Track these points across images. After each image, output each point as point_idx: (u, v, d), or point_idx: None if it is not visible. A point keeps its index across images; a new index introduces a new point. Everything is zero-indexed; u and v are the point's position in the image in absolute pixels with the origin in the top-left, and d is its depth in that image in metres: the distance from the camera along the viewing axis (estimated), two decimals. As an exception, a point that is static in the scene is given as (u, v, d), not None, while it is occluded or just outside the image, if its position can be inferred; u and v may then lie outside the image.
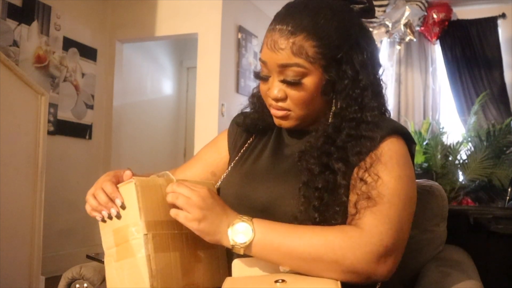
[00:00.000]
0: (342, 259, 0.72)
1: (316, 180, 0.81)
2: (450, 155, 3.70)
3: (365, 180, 0.79)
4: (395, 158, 0.82)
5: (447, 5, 4.15)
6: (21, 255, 2.27)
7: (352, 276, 0.74)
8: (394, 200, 0.77)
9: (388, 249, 0.73)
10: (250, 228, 0.76)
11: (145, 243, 0.76)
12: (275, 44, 0.83)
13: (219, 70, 3.65)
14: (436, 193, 1.21)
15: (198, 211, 0.76)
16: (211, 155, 1.06)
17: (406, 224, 0.78)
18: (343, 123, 0.85)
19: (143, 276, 0.75)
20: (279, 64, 0.83)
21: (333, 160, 0.82)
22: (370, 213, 0.76)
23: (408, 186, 0.81)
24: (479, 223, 1.39)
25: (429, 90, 4.38)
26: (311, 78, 0.84)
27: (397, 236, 0.75)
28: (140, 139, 4.45)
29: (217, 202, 0.79)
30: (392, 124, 0.86)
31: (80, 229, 3.64)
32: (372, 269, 0.73)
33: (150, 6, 3.90)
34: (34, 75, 3.21)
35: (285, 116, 0.89)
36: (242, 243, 0.76)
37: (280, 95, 0.86)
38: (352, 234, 0.74)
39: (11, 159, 2.22)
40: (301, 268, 0.76)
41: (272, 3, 4.28)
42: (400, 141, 0.85)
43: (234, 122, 1.08)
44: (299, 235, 0.76)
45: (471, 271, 1.03)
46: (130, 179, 0.81)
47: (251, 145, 1.02)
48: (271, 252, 0.76)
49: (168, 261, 0.79)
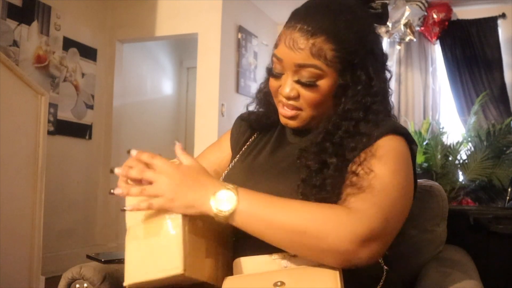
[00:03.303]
0: (325, 235, 0.70)
1: (315, 178, 0.81)
2: (450, 155, 3.70)
3: (357, 173, 0.78)
4: (392, 154, 0.81)
5: (447, 5, 4.15)
6: (21, 255, 2.27)
7: (331, 256, 0.72)
8: (386, 190, 0.76)
9: (373, 233, 0.71)
10: (234, 196, 0.75)
11: (182, 222, 0.77)
12: (294, 43, 0.82)
13: (219, 70, 3.65)
14: (436, 193, 1.21)
15: (167, 193, 0.75)
16: (214, 154, 1.07)
17: (397, 216, 0.76)
18: (343, 122, 0.85)
19: (175, 254, 0.75)
20: (296, 63, 0.83)
21: (328, 155, 0.82)
22: (360, 199, 0.74)
23: (404, 181, 0.79)
24: (479, 223, 1.39)
25: (429, 90, 4.37)
26: (326, 81, 0.84)
27: (385, 223, 0.73)
28: (140, 139, 4.45)
29: (189, 174, 0.77)
30: (392, 124, 0.86)
31: (80, 229, 3.63)
32: (353, 250, 0.70)
33: (150, 6, 3.90)
34: (34, 75, 3.21)
35: (294, 116, 0.89)
36: (225, 211, 0.74)
37: (293, 94, 0.86)
38: (339, 212, 0.73)
39: (11, 159, 2.22)
40: (282, 242, 0.74)
41: (272, 3, 4.30)
42: (399, 140, 0.84)
43: (239, 118, 1.08)
44: (285, 207, 0.75)
45: (471, 271, 1.03)
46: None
47: (254, 141, 1.02)
48: (255, 222, 0.74)
49: (197, 245, 0.79)
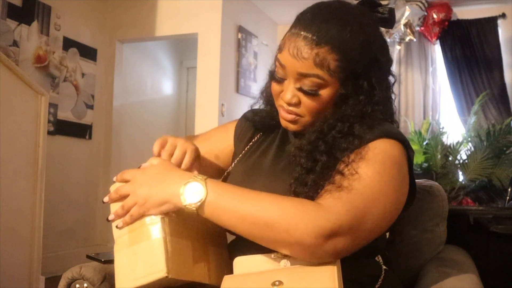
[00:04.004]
0: (294, 229, 0.70)
1: (306, 176, 0.82)
2: (450, 155, 3.70)
3: (343, 173, 0.78)
4: (379, 156, 0.80)
5: (447, 5, 4.15)
6: (21, 255, 2.27)
7: (298, 249, 0.72)
8: (363, 190, 0.75)
9: (341, 229, 0.71)
10: (203, 187, 0.75)
11: (162, 225, 0.77)
12: (298, 52, 0.81)
13: (219, 70, 3.65)
14: (436, 193, 1.21)
15: (139, 197, 0.79)
16: (219, 139, 1.08)
17: (373, 216, 0.75)
18: (338, 123, 0.84)
19: (158, 258, 0.75)
20: (299, 72, 0.83)
21: (319, 153, 0.82)
22: (334, 196, 0.74)
23: (386, 185, 0.78)
24: (479, 223, 1.39)
25: (429, 90, 4.37)
26: (328, 90, 0.84)
27: (355, 222, 0.72)
28: (140, 139, 4.45)
29: (156, 173, 0.81)
30: (387, 129, 0.85)
31: (80, 229, 3.63)
32: (319, 244, 0.70)
33: (150, 6, 3.90)
34: (34, 75, 3.21)
35: (294, 120, 0.89)
36: (194, 203, 0.75)
37: (294, 101, 0.86)
38: (310, 207, 0.73)
39: (11, 159, 2.22)
40: (252, 234, 0.74)
41: (272, 3, 4.30)
42: (392, 143, 0.83)
43: (243, 116, 1.08)
44: (255, 200, 0.75)
45: (471, 271, 1.03)
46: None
47: (257, 142, 1.03)
48: (224, 214, 0.75)
49: (182, 247, 0.80)
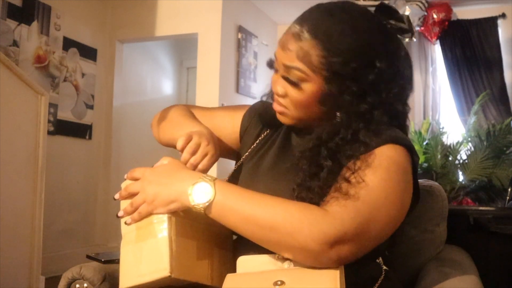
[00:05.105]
0: (298, 233, 0.70)
1: (310, 182, 0.82)
2: (450, 155, 3.70)
3: (349, 180, 0.78)
4: (386, 162, 0.79)
5: (447, 5, 4.15)
6: (21, 255, 2.27)
7: (301, 255, 0.72)
8: (368, 197, 0.75)
9: (346, 236, 0.71)
10: (211, 188, 0.76)
11: (168, 224, 0.79)
12: (285, 44, 0.84)
13: (219, 70, 3.65)
14: (436, 193, 1.21)
15: (148, 195, 0.80)
16: (225, 122, 1.07)
17: (377, 224, 0.75)
18: (341, 129, 0.84)
19: (162, 257, 0.77)
20: (283, 63, 0.85)
21: (323, 159, 0.83)
22: (340, 204, 0.74)
23: (392, 191, 0.77)
24: (479, 223, 1.39)
25: (429, 90, 4.37)
26: (310, 85, 0.84)
27: (360, 229, 0.72)
28: (140, 139, 4.45)
29: (166, 171, 0.82)
30: (394, 135, 0.84)
31: (80, 229, 3.63)
32: (323, 250, 0.70)
33: (150, 6, 3.90)
34: (34, 75, 3.21)
35: (282, 112, 0.91)
36: (202, 203, 0.75)
37: (281, 92, 0.88)
38: (315, 212, 0.73)
39: (11, 159, 2.22)
40: (255, 236, 0.75)
41: (272, 3, 4.30)
42: (398, 149, 0.82)
43: (252, 108, 1.07)
44: (262, 202, 0.75)
45: (471, 271, 1.03)
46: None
47: (264, 139, 1.03)
48: (230, 215, 0.75)
49: (187, 247, 0.81)
